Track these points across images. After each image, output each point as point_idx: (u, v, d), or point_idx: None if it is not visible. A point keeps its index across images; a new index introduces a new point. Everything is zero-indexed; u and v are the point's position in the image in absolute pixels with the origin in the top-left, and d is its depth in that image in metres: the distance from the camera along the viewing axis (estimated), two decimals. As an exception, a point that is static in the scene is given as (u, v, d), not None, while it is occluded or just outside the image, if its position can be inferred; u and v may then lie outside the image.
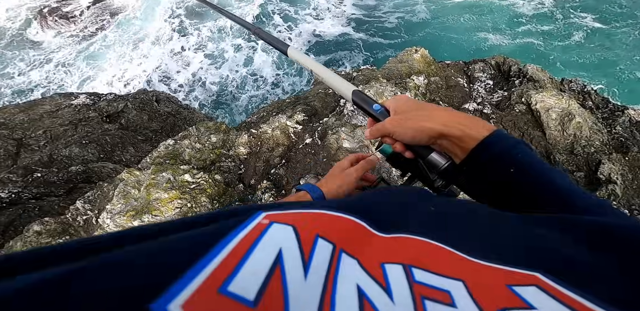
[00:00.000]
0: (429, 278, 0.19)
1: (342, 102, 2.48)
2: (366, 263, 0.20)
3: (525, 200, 0.33)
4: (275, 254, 0.17)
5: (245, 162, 2.16)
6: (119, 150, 2.61)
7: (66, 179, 2.16)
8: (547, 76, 2.77)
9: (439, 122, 0.37)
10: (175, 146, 2.12)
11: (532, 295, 0.17)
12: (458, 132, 0.36)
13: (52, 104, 3.05)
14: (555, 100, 2.29)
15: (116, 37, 9.45)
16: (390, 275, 0.19)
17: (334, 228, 0.22)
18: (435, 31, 8.57)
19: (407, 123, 0.39)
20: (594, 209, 0.30)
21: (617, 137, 2.18)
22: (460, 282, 0.18)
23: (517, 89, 2.53)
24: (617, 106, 2.61)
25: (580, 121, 2.18)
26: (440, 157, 0.40)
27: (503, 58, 2.91)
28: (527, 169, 0.33)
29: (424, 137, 0.38)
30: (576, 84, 2.78)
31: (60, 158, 2.37)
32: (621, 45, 7.58)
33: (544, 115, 2.25)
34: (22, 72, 8.64)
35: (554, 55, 7.65)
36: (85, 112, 2.96)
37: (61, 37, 9.45)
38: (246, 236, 0.18)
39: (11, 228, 1.91)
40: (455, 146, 0.37)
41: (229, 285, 0.15)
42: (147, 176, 1.87)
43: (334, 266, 0.18)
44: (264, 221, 0.21)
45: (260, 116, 2.60)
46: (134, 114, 3.05)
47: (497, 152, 0.34)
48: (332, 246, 0.20)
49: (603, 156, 1.98)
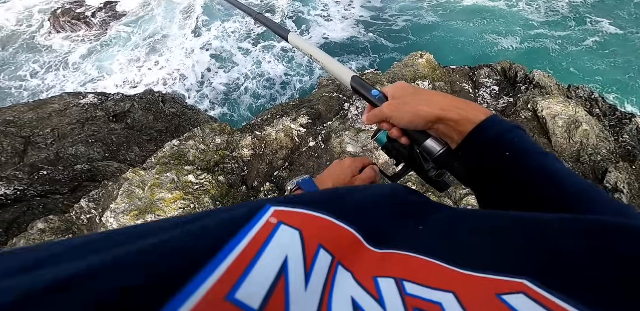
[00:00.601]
0: (420, 291, 0.19)
1: (346, 106, 2.49)
2: (359, 276, 0.20)
3: (517, 187, 0.33)
4: (281, 262, 0.18)
5: (249, 164, 2.17)
6: (124, 149, 2.64)
7: (71, 178, 2.18)
8: (553, 82, 2.75)
9: (436, 107, 0.37)
10: (180, 147, 2.14)
11: (520, 302, 0.17)
12: (455, 116, 0.36)
13: (61, 103, 3.10)
14: (561, 107, 2.27)
15: (126, 39, 9.60)
16: (382, 288, 0.19)
17: (334, 238, 0.22)
18: (441, 35, 8.57)
19: (404, 107, 0.39)
20: (589, 196, 0.30)
21: (624, 146, 2.16)
22: (451, 293, 0.19)
23: (523, 95, 2.51)
24: (624, 113, 2.58)
25: (587, 129, 2.15)
26: (436, 142, 0.40)
27: (509, 63, 2.90)
28: (522, 153, 0.33)
29: (421, 121, 0.38)
30: (583, 91, 2.75)
31: (67, 156, 2.40)
32: (636, 51, 7.44)
33: (550, 122, 2.23)
34: (34, 74, 8.79)
35: (566, 60, 7.58)
36: (92, 111, 3.00)
37: (73, 39, 9.62)
38: (254, 237, 0.18)
39: (15, 225, 1.93)
40: (452, 130, 0.37)
41: (237, 292, 0.15)
42: (151, 176, 1.89)
43: (330, 278, 0.19)
44: (272, 220, 0.21)
45: (265, 118, 2.61)
46: (139, 114, 3.08)
47: (493, 136, 0.34)
48: (331, 258, 0.20)
49: (610, 164, 1.95)
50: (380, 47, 8.56)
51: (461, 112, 0.36)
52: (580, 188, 0.30)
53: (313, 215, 0.23)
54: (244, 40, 9.13)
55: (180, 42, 9.27)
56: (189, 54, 9.00)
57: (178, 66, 8.72)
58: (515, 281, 0.19)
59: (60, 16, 9.89)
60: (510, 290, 0.18)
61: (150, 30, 9.69)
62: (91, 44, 9.46)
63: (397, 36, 8.72)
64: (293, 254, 0.18)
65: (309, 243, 0.20)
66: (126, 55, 9.11)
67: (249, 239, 0.18)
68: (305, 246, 0.19)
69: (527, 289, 0.18)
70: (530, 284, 0.19)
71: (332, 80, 2.96)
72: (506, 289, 0.18)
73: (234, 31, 9.37)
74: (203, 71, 8.53)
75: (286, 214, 0.22)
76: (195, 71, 8.55)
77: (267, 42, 8.86)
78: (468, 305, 0.18)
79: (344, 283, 0.19)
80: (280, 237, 0.19)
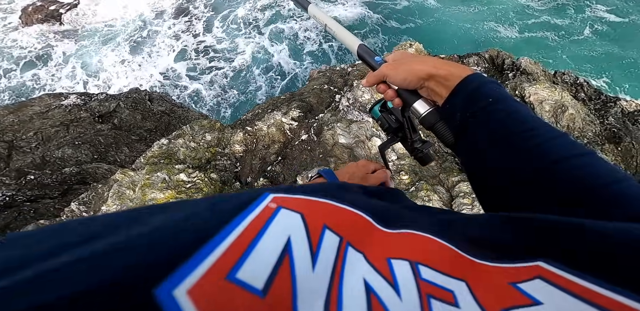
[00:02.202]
0: (434, 277, 0.19)
1: (337, 98, 2.47)
2: (372, 257, 0.19)
3: (498, 137, 0.34)
4: (284, 242, 0.17)
5: (241, 160, 2.15)
6: (113, 150, 2.58)
7: (60, 181, 2.13)
8: (540, 69, 2.78)
9: (429, 65, 0.41)
10: (170, 146, 2.10)
11: (537, 288, 0.17)
12: (445, 72, 0.39)
13: (42, 105, 3.00)
14: (548, 92, 2.30)
15: (104, 36, 9.26)
16: (397, 271, 0.19)
17: (341, 220, 0.21)
18: (432, 23, 8.49)
19: (401, 66, 0.43)
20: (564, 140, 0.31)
21: (610, 128, 2.21)
22: (463, 282, 0.18)
23: (511, 82, 2.54)
24: (609, 97, 2.63)
25: (573, 113, 2.20)
26: (425, 102, 0.44)
27: (497, 51, 2.91)
28: (504, 99, 0.37)
29: (413, 78, 0.41)
30: (569, 77, 2.80)
31: (53, 159, 2.34)
32: (631, 38, 7.38)
33: (537, 107, 2.26)
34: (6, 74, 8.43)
35: (558, 48, 7.57)
36: (76, 112, 2.91)
37: (45, 37, 9.22)
38: (254, 219, 0.18)
39: (7, 231, 1.89)
40: (441, 86, 0.40)
41: (238, 272, 0.14)
42: (141, 176, 1.86)
43: (340, 259, 0.18)
44: (272, 204, 0.20)
45: (255, 113, 2.58)
46: (126, 113, 3.01)
47: (478, 85, 0.38)
48: (339, 239, 0.19)
49: (596, 146, 2.00)
50: (374, 32, 8.41)
51: (451, 69, 0.40)
52: (557, 133, 0.33)
53: (315, 200, 0.22)
54: (234, 34, 8.92)
55: (162, 39, 9.01)
56: (173, 50, 8.76)
57: (163, 63, 8.50)
58: (530, 265, 0.18)
59: (32, 14, 9.46)
60: (526, 277, 0.18)
61: (130, 28, 9.36)
62: (66, 43, 9.09)
63: (389, 24, 8.60)
64: (296, 235, 0.18)
65: (313, 224, 0.19)
66: (105, 53, 8.81)
67: (248, 221, 0.17)
68: (309, 228, 0.19)
69: (542, 271, 0.18)
70: (545, 265, 0.18)
71: (322, 72, 2.94)
72: (521, 276, 0.18)
73: (223, 25, 9.14)
74: (190, 67, 8.33)
75: (286, 200, 0.21)
76: (181, 68, 8.35)
77: (258, 36, 8.67)
78: (480, 295, 0.17)
79: (355, 265, 0.18)
80: (281, 218, 0.19)
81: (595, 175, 0.27)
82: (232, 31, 8.92)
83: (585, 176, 0.27)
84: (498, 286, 0.18)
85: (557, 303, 0.16)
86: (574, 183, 0.27)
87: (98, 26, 9.49)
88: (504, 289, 0.17)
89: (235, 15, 9.25)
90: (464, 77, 0.38)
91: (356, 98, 2.27)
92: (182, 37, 8.98)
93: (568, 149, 0.30)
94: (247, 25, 8.97)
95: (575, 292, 0.16)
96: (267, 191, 0.22)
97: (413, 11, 8.87)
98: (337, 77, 2.76)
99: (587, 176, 0.27)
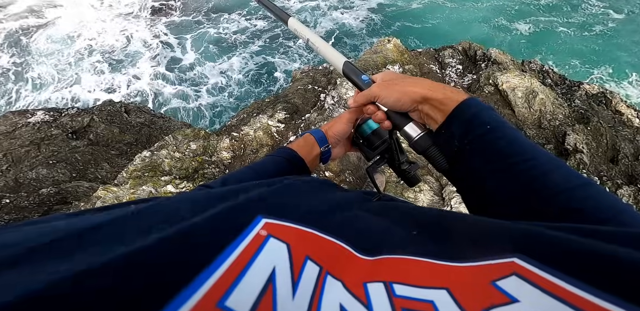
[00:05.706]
0: (410, 291, 0.19)
1: (322, 97, 2.48)
2: (350, 284, 0.21)
3: (498, 166, 0.34)
4: (269, 272, 0.19)
5: (230, 166, 2.12)
6: (92, 167, 2.46)
7: (38, 203, 2.01)
8: (508, 58, 2.93)
9: (424, 87, 0.39)
10: (153, 157, 2.03)
11: (513, 286, 0.18)
12: (441, 96, 0.38)
13: (7, 124, 2.80)
14: (518, 80, 2.43)
15: (60, 43, 8.75)
16: (371, 293, 0.20)
17: (323, 250, 0.23)
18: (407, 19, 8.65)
19: (394, 87, 0.41)
20: (561, 171, 0.32)
21: (577, 110, 2.36)
22: (444, 290, 0.19)
23: (484, 71, 2.65)
24: (572, 81, 2.82)
25: (543, 98, 2.33)
26: (417, 126, 0.42)
27: (469, 44, 3.04)
28: (502, 126, 0.36)
29: (407, 100, 0.40)
30: (535, 65, 2.97)
31: (27, 181, 2.20)
32: (627, 33, 7.43)
33: (510, 94, 2.38)
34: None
35: (528, 38, 7.85)
36: (46, 130, 2.75)
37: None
38: (245, 249, 0.20)
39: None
40: (436, 110, 0.39)
41: (227, 300, 0.15)
42: (125, 191, 1.79)
43: (319, 287, 0.20)
44: (263, 232, 0.22)
45: (241, 118, 2.55)
46: (102, 127, 2.87)
47: (475, 112, 0.37)
48: (319, 268, 0.21)
49: (567, 127, 2.14)
50: (350, 32, 8.47)
51: (447, 93, 0.38)
52: (556, 164, 0.33)
53: (301, 230, 0.24)
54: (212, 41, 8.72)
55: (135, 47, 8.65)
56: (146, 58, 8.43)
57: (136, 71, 8.16)
58: (506, 261, 0.19)
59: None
60: (503, 274, 0.18)
61: (86, 32, 8.86)
62: (13, 53, 8.46)
63: (366, 22, 8.67)
64: (281, 265, 0.20)
65: (297, 255, 0.21)
66: (62, 63, 8.24)
67: (241, 250, 0.19)
68: (293, 258, 0.21)
69: (517, 268, 0.18)
70: (520, 261, 0.19)
71: (305, 73, 2.94)
72: (499, 274, 0.19)
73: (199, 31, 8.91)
74: (168, 75, 8.05)
75: (276, 228, 0.23)
76: (158, 77, 8.06)
77: (240, 40, 8.51)
78: (462, 299, 0.18)
79: (333, 292, 0.20)
80: (269, 250, 0.21)
81: (596, 209, 0.28)
82: (211, 39, 8.71)
83: (587, 209, 0.28)
84: (478, 286, 0.19)
85: (533, 301, 0.16)
86: (576, 217, 0.28)
87: (50, 32, 8.93)
88: (484, 288, 0.18)
89: (211, 27, 9.03)
90: (460, 101, 0.37)
91: (340, 96, 2.29)
92: (156, 45, 8.68)
93: (569, 181, 0.30)
94: (226, 33, 8.79)
95: (548, 289, 0.17)
96: (260, 214, 0.23)
97: (387, 7, 9.05)
98: (320, 76, 2.78)
99: (589, 209, 0.28)
